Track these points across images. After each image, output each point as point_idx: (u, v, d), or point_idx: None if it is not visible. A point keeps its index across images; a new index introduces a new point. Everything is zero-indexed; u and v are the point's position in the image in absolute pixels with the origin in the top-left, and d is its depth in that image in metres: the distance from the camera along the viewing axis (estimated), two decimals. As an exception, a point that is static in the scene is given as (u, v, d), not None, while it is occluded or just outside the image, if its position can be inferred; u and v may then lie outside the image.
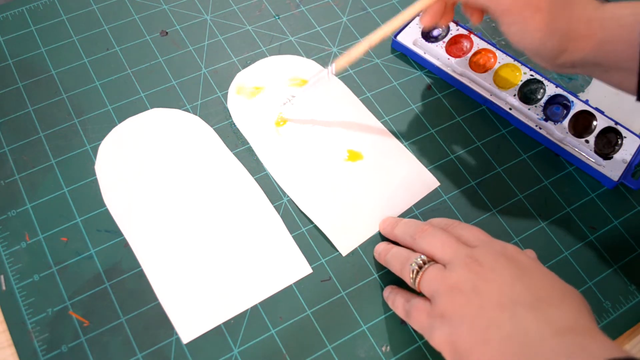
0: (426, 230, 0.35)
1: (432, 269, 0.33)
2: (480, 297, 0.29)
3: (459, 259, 0.32)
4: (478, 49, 0.49)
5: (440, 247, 0.33)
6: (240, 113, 0.45)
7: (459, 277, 0.31)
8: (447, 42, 0.49)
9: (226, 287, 0.38)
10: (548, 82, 0.47)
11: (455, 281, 0.31)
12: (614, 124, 0.45)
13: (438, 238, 0.34)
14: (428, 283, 0.32)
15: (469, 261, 0.31)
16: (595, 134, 0.45)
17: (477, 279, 0.30)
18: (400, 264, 0.35)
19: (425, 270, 0.33)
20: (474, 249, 0.32)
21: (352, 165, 0.44)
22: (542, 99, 0.47)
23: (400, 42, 0.49)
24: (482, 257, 0.31)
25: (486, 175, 0.45)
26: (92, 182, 0.41)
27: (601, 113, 0.46)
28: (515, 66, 0.48)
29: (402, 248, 0.37)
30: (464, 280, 0.30)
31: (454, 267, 0.31)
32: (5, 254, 0.38)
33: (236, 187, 0.42)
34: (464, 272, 0.31)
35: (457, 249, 0.33)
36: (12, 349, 0.35)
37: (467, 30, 0.50)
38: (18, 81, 0.45)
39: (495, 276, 0.30)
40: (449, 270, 0.32)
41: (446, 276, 0.31)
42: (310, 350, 0.37)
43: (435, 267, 0.33)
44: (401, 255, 0.36)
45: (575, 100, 0.46)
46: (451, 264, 0.32)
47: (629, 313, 0.40)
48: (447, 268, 0.32)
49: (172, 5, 0.50)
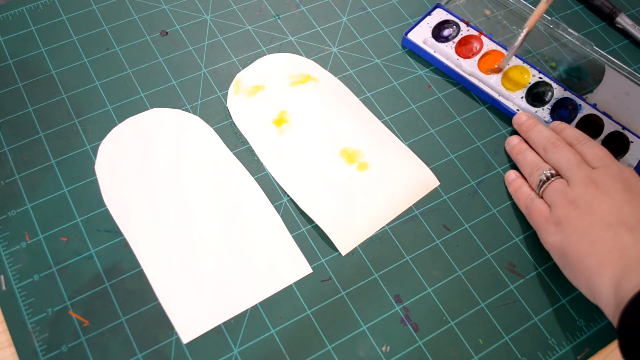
0: (558, 146, 0.41)
1: (557, 182, 0.39)
2: (592, 215, 0.35)
3: (580, 177, 0.37)
4: (488, 50, 0.49)
5: (566, 164, 0.39)
6: (240, 113, 0.45)
7: (577, 194, 0.36)
8: (457, 43, 0.49)
9: (226, 287, 0.38)
10: (556, 85, 0.47)
11: (573, 197, 0.37)
12: (621, 129, 0.45)
13: (565, 156, 0.40)
14: (552, 193, 0.38)
15: (588, 181, 0.37)
16: (602, 138, 0.45)
17: (592, 198, 0.36)
18: (529, 169, 0.42)
19: (552, 182, 0.39)
20: (594, 170, 0.38)
21: (352, 165, 0.44)
22: (550, 102, 0.47)
23: (410, 39, 0.49)
24: (599, 179, 0.37)
25: (486, 175, 0.45)
26: (92, 182, 0.41)
27: (609, 117, 0.46)
28: (524, 68, 0.48)
29: (534, 154, 0.42)
30: (580, 198, 0.36)
31: (575, 184, 0.37)
32: (5, 254, 0.38)
33: (236, 187, 0.42)
34: (582, 191, 0.36)
35: (579, 169, 0.38)
36: (12, 349, 0.35)
37: (478, 31, 0.50)
38: (18, 81, 0.45)
39: (607, 198, 0.35)
40: (571, 187, 0.37)
41: (567, 191, 0.37)
42: (310, 350, 0.37)
43: (560, 181, 0.39)
44: (533, 163, 0.42)
45: (583, 104, 0.46)
46: (572, 181, 0.38)
47: (629, 313, 0.40)
48: (569, 185, 0.38)
49: (172, 5, 0.50)
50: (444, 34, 0.50)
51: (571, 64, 0.51)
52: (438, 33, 0.50)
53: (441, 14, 0.51)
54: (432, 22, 0.50)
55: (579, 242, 0.35)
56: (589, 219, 0.35)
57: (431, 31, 0.50)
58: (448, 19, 0.50)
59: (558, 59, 0.51)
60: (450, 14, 0.51)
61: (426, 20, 0.50)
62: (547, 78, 0.47)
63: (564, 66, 0.51)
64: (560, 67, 0.51)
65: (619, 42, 0.54)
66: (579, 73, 0.50)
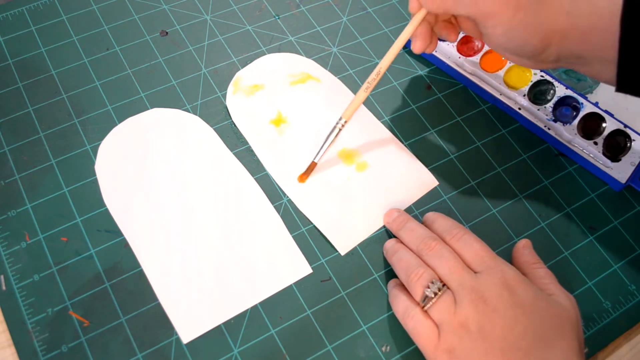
0: (433, 249, 0.36)
1: (443, 300, 0.34)
2: (485, 342, 0.33)
3: (467, 292, 0.34)
4: (489, 49, 0.49)
5: (448, 271, 0.35)
6: (240, 113, 0.45)
7: (467, 314, 0.33)
8: (459, 41, 0.49)
9: (226, 287, 0.38)
10: (558, 84, 0.47)
11: (464, 319, 0.33)
12: (623, 127, 0.45)
13: (445, 261, 0.36)
14: (439, 313, 0.34)
15: (474, 297, 0.33)
16: (604, 136, 0.45)
17: (483, 318, 0.33)
18: (405, 274, 0.37)
19: (438, 300, 0.34)
20: (479, 278, 0.34)
21: (351, 165, 0.44)
22: (551, 100, 0.47)
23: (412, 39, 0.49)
24: (486, 290, 0.34)
25: (486, 175, 0.45)
26: (92, 182, 0.41)
27: (610, 115, 0.46)
28: None
29: (409, 254, 0.38)
30: (470, 318, 0.33)
31: (462, 302, 0.34)
32: (5, 254, 0.38)
33: (236, 187, 0.42)
34: (471, 310, 0.33)
35: (463, 277, 0.35)
36: (12, 349, 0.35)
37: None
38: (18, 81, 0.45)
39: (497, 317, 0.33)
40: (459, 305, 0.34)
41: (457, 311, 0.34)
42: (310, 350, 0.37)
43: (447, 298, 0.34)
44: (409, 264, 0.37)
45: (585, 102, 0.46)
46: (459, 296, 0.34)
47: (629, 313, 0.40)
48: (456, 301, 0.34)
49: (172, 5, 0.50)
50: None
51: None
52: (440, 32, 0.50)
53: None
54: None
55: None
56: (483, 346, 0.32)
57: None
58: None
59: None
60: None
61: None
62: (549, 76, 0.47)
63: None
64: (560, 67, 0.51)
65: (619, 42, 0.54)
66: (578, 74, 0.50)
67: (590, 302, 0.40)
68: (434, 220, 0.39)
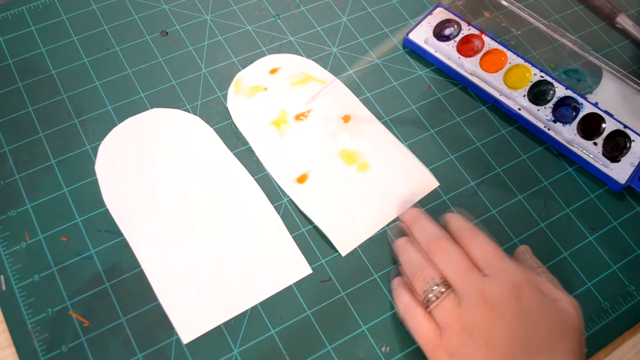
0: (442, 248, 0.36)
1: (448, 302, 0.34)
2: (488, 348, 0.32)
3: (472, 296, 0.33)
4: (489, 49, 0.49)
5: (454, 273, 0.35)
6: (240, 113, 0.45)
7: (471, 319, 0.33)
8: (459, 42, 0.49)
9: (226, 288, 0.38)
10: (558, 84, 0.47)
11: (467, 322, 0.33)
12: (622, 127, 0.46)
13: (453, 261, 0.35)
14: (442, 314, 0.34)
15: (480, 301, 0.33)
16: (604, 136, 0.45)
17: (487, 324, 0.32)
18: (411, 273, 0.37)
19: (442, 301, 0.34)
20: (486, 281, 0.34)
21: (351, 165, 0.44)
22: (551, 101, 0.47)
23: (411, 39, 0.49)
24: (492, 294, 0.33)
25: (486, 175, 0.45)
26: (92, 182, 0.41)
27: (610, 116, 0.46)
28: (526, 67, 0.48)
29: (417, 254, 0.37)
30: (475, 324, 0.33)
31: (467, 305, 0.33)
32: (5, 254, 0.38)
33: (236, 187, 0.42)
34: (476, 315, 0.33)
35: (469, 280, 0.34)
36: (12, 349, 0.36)
37: (479, 30, 0.50)
38: (18, 81, 0.45)
39: (503, 324, 0.32)
40: (464, 308, 0.33)
41: (460, 315, 0.33)
42: (310, 351, 0.37)
43: (451, 300, 0.34)
44: (415, 264, 0.37)
45: (585, 103, 0.46)
46: (464, 299, 0.33)
47: (628, 314, 0.40)
48: (461, 303, 0.33)
49: (172, 5, 0.50)
50: (445, 33, 0.50)
51: (570, 65, 0.51)
52: (439, 32, 0.50)
53: (442, 13, 0.51)
54: (434, 21, 0.50)
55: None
56: (486, 351, 0.32)
57: (432, 30, 0.50)
58: (449, 18, 0.50)
59: (557, 60, 0.51)
60: (451, 12, 0.51)
61: (427, 20, 0.50)
62: (549, 77, 0.48)
63: (563, 68, 0.51)
64: (560, 68, 0.51)
65: (618, 42, 0.54)
66: (577, 75, 0.50)
67: (590, 302, 0.41)
68: (451, 220, 0.39)
